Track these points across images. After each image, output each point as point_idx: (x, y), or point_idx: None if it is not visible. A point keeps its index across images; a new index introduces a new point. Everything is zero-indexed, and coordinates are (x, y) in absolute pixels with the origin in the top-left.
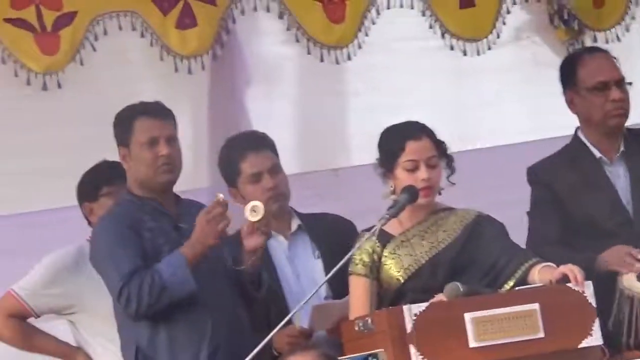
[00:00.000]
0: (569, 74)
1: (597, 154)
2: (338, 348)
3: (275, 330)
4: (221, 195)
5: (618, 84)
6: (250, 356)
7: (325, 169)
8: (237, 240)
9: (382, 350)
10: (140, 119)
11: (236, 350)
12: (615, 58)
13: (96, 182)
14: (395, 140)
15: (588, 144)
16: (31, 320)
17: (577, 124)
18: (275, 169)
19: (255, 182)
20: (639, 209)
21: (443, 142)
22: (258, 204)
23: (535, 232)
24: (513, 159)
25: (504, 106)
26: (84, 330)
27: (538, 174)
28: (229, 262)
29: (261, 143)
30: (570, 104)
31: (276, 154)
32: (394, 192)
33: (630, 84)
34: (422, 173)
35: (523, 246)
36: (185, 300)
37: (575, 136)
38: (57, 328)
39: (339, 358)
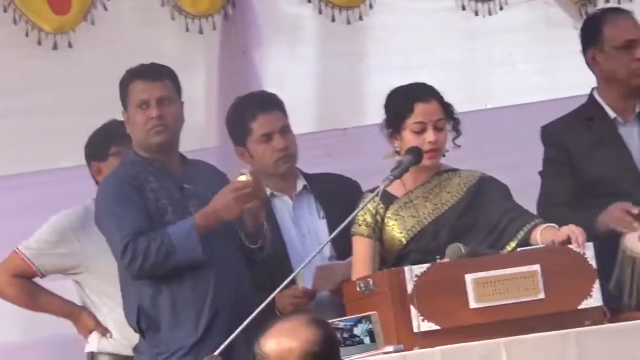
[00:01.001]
0: (593, 33)
1: (612, 114)
2: (341, 308)
3: (277, 291)
4: (247, 173)
5: None
6: (251, 316)
7: (335, 128)
8: None
9: (375, 313)
10: (134, 82)
11: (238, 311)
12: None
13: (105, 141)
14: (404, 102)
15: (604, 105)
16: (37, 280)
17: (589, 84)
18: (286, 130)
19: (266, 142)
20: None
21: (450, 105)
22: (245, 170)
23: (545, 192)
24: (524, 119)
25: (516, 66)
26: (90, 291)
27: (552, 134)
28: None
29: (272, 103)
30: (593, 62)
31: (285, 115)
32: (398, 153)
33: None
34: (430, 135)
35: (532, 208)
36: (188, 266)
37: (591, 96)
38: (63, 288)
39: (333, 320)
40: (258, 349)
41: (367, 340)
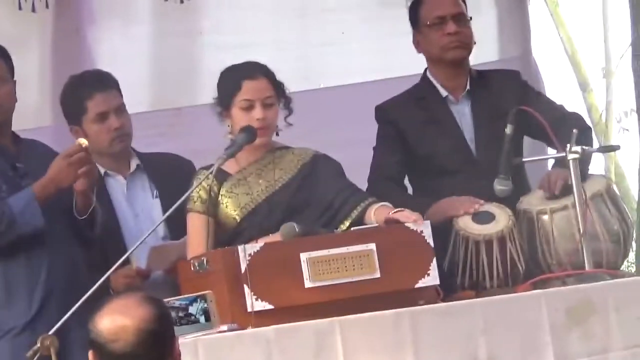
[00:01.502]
0: (413, 15)
1: (444, 92)
2: (175, 288)
3: (111, 271)
4: (84, 141)
5: (455, 18)
6: (85, 297)
7: (169, 108)
8: None
9: (210, 292)
10: None
11: (73, 290)
12: None
13: None
14: (232, 79)
15: (436, 83)
16: None
17: (422, 64)
18: (121, 109)
19: (101, 121)
20: (481, 148)
21: (281, 83)
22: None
23: (375, 165)
24: (357, 98)
25: (349, 45)
26: None
27: (385, 112)
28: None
29: (107, 82)
30: (417, 45)
31: (121, 94)
32: (230, 132)
33: (470, 18)
34: (258, 112)
35: (363, 187)
36: (27, 238)
37: (424, 76)
38: None
39: (168, 299)
40: (92, 326)
41: (202, 319)
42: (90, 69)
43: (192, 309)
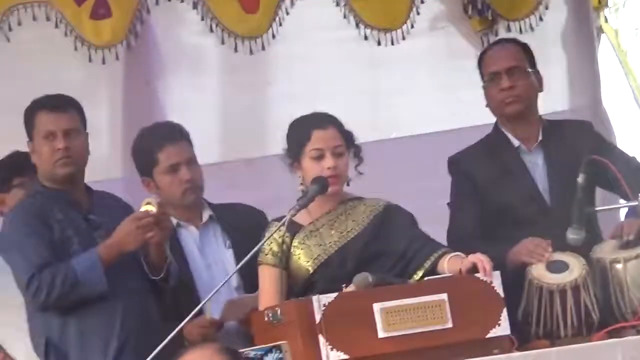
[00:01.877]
0: (480, 70)
1: (516, 142)
2: (249, 339)
3: (185, 321)
4: (152, 203)
5: (509, 72)
6: (160, 347)
7: (240, 158)
8: None
9: (285, 342)
10: (40, 113)
11: (146, 342)
12: (521, 44)
13: (8, 172)
14: (302, 130)
15: (507, 134)
16: None
17: (492, 114)
18: (192, 161)
19: (173, 172)
20: (555, 197)
21: (350, 132)
22: (152, 200)
23: (455, 224)
24: (428, 148)
25: (419, 96)
26: None
27: (459, 164)
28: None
29: (178, 134)
30: (486, 97)
31: (192, 145)
32: (302, 183)
33: (536, 71)
34: (328, 161)
35: (437, 237)
36: (93, 297)
37: (496, 126)
38: None
39: (243, 350)
40: None
41: None
42: (161, 121)
43: (269, 359)
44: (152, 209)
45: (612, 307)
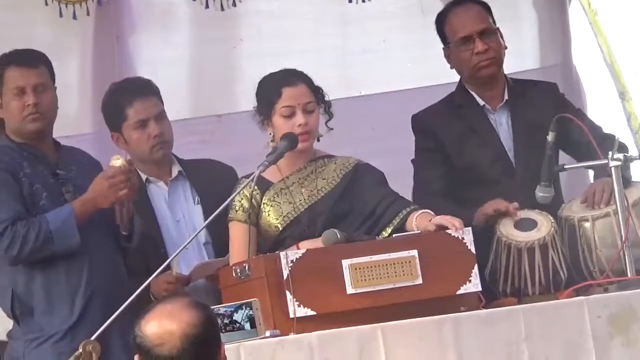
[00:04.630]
0: (439, 32)
1: (481, 102)
2: (217, 296)
3: (154, 276)
4: (121, 162)
5: (482, 34)
6: (128, 300)
7: (210, 115)
8: None
9: (256, 299)
10: (9, 69)
11: (114, 297)
12: (481, 3)
13: None
14: (272, 87)
15: (472, 93)
16: None
17: None
18: (161, 116)
19: (141, 128)
20: (519, 158)
21: (320, 88)
22: (120, 157)
23: (420, 181)
24: (398, 105)
25: (389, 53)
26: None
27: (423, 122)
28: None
29: (148, 89)
30: (448, 59)
31: (161, 101)
32: (273, 140)
33: (497, 29)
34: (299, 118)
35: (407, 194)
36: (65, 252)
37: (460, 84)
38: None
39: (214, 307)
40: (138, 331)
41: (247, 326)
42: (131, 77)
43: (237, 316)
44: (121, 164)
45: (579, 265)
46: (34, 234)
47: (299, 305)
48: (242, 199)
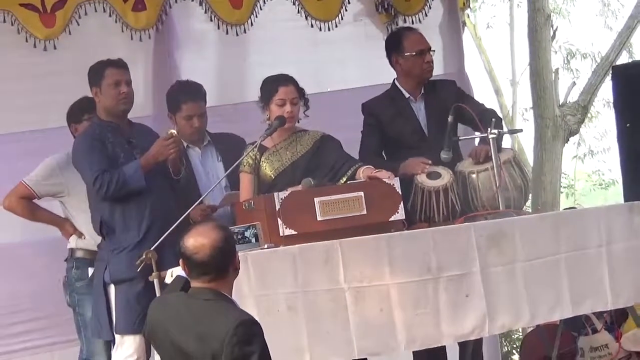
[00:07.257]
0: (395, 43)
1: (407, 94)
2: (234, 220)
3: (193, 207)
4: (173, 131)
5: (429, 50)
6: (176, 223)
7: (229, 103)
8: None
9: (259, 222)
10: (109, 68)
11: (167, 222)
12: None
13: (81, 110)
14: (271, 85)
15: (401, 89)
16: (35, 200)
17: (393, 76)
18: (203, 115)
19: (188, 120)
20: (431, 131)
21: (303, 88)
22: (173, 130)
23: (363, 145)
24: (351, 98)
25: (347, 64)
26: (70, 207)
27: (368, 107)
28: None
29: (199, 94)
30: (394, 63)
31: (205, 103)
32: (268, 119)
33: (434, 51)
34: (287, 107)
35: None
36: (135, 191)
37: (394, 84)
38: (52, 206)
39: (231, 227)
40: (182, 244)
41: (253, 240)
42: (190, 80)
43: (247, 233)
44: (173, 134)
45: (469, 202)
46: (115, 180)
47: (286, 228)
48: (248, 158)
